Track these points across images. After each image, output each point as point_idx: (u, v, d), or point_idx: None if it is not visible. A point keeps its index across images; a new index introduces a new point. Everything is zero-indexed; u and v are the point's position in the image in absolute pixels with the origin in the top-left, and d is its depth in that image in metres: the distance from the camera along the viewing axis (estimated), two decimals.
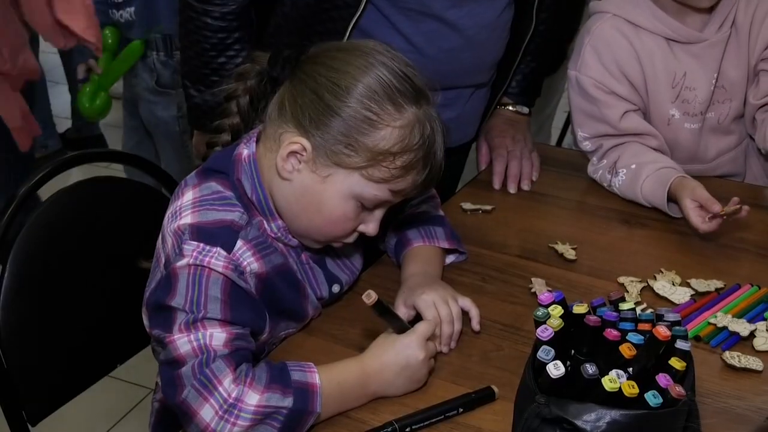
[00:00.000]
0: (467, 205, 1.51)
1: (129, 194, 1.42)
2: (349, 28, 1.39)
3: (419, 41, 1.44)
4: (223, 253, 1.03)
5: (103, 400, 2.29)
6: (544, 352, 0.86)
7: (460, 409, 1.02)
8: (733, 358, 1.11)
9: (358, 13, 1.38)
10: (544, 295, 0.93)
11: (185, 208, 1.08)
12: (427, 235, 1.29)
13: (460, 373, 1.10)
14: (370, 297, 1.00)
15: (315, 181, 1.07)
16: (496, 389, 1.05)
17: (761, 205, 1.54)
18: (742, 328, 1.16)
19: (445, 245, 1.30)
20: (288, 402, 0.97)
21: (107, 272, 1.35)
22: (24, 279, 1.23)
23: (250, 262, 1.07)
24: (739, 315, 1.19)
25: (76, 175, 1.71)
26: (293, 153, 1.06)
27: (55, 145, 3.59)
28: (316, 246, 1.16)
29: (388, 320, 1.06)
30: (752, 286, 1.28)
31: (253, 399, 0.96)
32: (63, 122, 3.87)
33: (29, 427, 1.24)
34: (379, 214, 1.12)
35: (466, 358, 1.13)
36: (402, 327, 1.07)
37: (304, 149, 1.06)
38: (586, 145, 1.61)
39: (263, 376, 0.98)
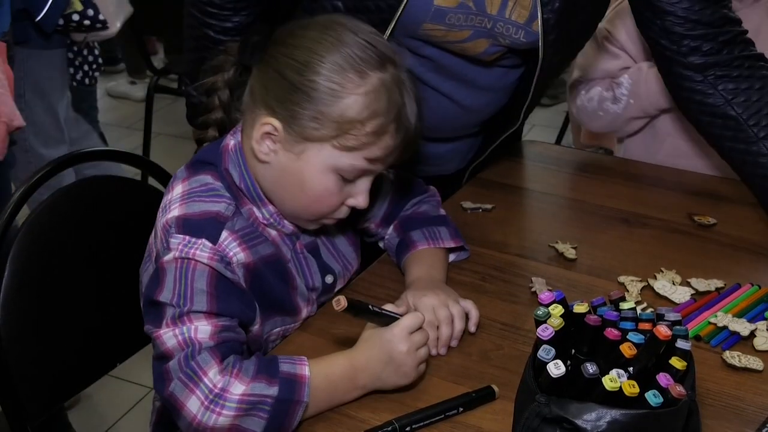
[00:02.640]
0: (467, 204, 1.51)
1: (129, 194, 1.42)
2: None
3: None
4: (209, 244, 1.04)
5: (103, 399, 2.30)
6: (545, 352, 0.86)
7: (460, 409, 1.02)
8: (734, 357, 1.11)
9: None
10: (545, 294, 0.93)
11: (174, 201, 1.09)
12: (431, 237, 1.28)
13: (460, 373, 1.10)
14: (339, 303, 0.98)
15: (291, 159, 1.08)
16: (496, 389, 1.05)
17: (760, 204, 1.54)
18: (743, 327, 1.16)
19: (451, 244, 1.30)
20: (273, 391, 0.97)
21: (107, 271, 1.35)
22: (24, 278, 1.23)
23: (236, 253, 1.07)
24: (739, 314, 1.19)
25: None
26: (266, 135, 1.08)
27: None
28: (311, 226, 1.16)
29: (369, 319, 1.05)
30: (752, 285, 1.27)
31: (238, 389, 0.97)
32: None
33: (29, 425, 1.24)
34: (364, 185, 1.11)
35: (466, 357, 1.13)
36: (387, 321, 1.05)
37: (276, 129, 1.07)
38: (581, 91, 1.74)
39: (251, 368, 0.99)
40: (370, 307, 1.05)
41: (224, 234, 1.07)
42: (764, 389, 1.07)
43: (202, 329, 1.00)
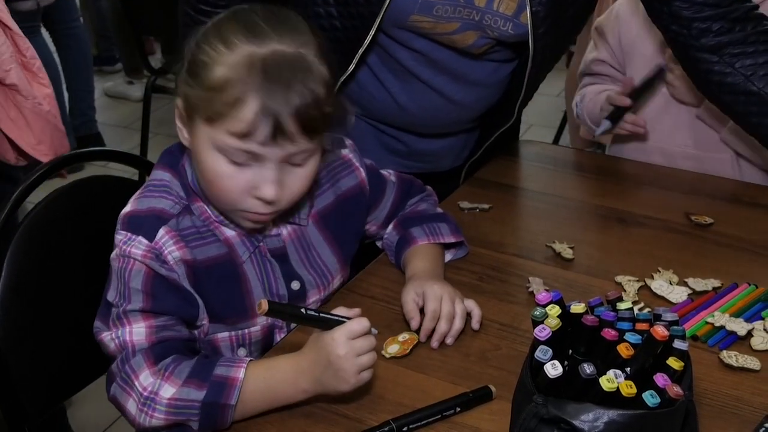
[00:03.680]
0: (464, 204, 1.51)
1: (127, 194, 1.41)
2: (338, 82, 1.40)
3: (404, 100, 1.46)
4: (144, 241, 1.06)
5: (103, 399, 2.29)
6: (542, 352, 0.86)
7: (458, 409, 1.02)
8: (731, 357, 1.11)
9: (348, 72, 1.41)
10: (542, 294, 0.93)
11: (133, 196, 1.12)
12: (431, 233, 1.29)
13: (458, 373, 1.10)
14: (260, 307, 0.94)
15: (192, 140, 1.06)
16: (493, 389, 1.05)
17: (759, 204, 1.54)
18: (740, 327, 1.16)
19: (451, 239, 1.30)
20: (200, 395, 0.98)
21: (105, 271, 1.34)
22: (21, 278, 1.23)
23: (172, 251, 1.07)
24: (736, 314, 1.19)
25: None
26: (178, 114, 1.07)
27: None
28: (246, 225, 1.10)
29: (309, 324, 1.02)
30: (750, 285, 1.28)
31: (168, 392, 0.99)
32: None
33: (27, 426, 1.24)
34: (266, 173, 1.03)
35: (464, 357, 1.13)
36: (331, 324, 1.00)
37: (178, 106, 1.07)
38: (577, 100, 1.81)
39: (185, 371, 1.00)
40: (303, 311, 1.01)
41: (161, 232, 1.07)
42: (761, 389, 1.07)
43: (137, 331, 1.03)
